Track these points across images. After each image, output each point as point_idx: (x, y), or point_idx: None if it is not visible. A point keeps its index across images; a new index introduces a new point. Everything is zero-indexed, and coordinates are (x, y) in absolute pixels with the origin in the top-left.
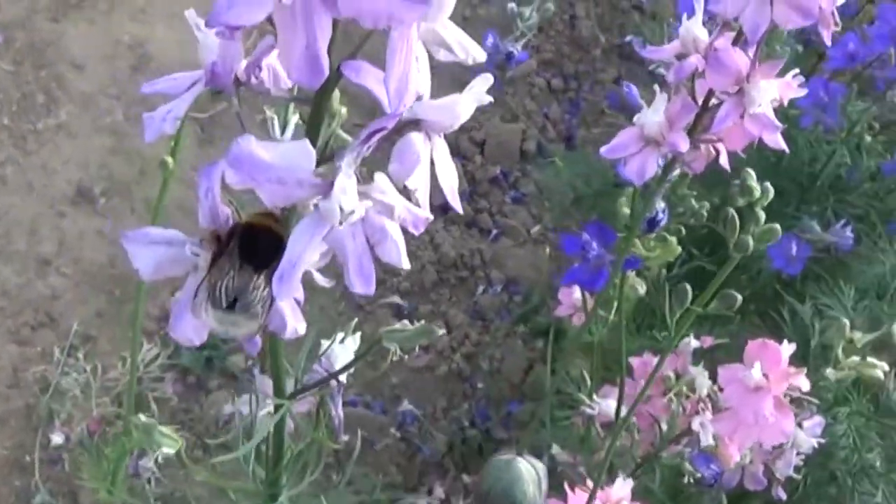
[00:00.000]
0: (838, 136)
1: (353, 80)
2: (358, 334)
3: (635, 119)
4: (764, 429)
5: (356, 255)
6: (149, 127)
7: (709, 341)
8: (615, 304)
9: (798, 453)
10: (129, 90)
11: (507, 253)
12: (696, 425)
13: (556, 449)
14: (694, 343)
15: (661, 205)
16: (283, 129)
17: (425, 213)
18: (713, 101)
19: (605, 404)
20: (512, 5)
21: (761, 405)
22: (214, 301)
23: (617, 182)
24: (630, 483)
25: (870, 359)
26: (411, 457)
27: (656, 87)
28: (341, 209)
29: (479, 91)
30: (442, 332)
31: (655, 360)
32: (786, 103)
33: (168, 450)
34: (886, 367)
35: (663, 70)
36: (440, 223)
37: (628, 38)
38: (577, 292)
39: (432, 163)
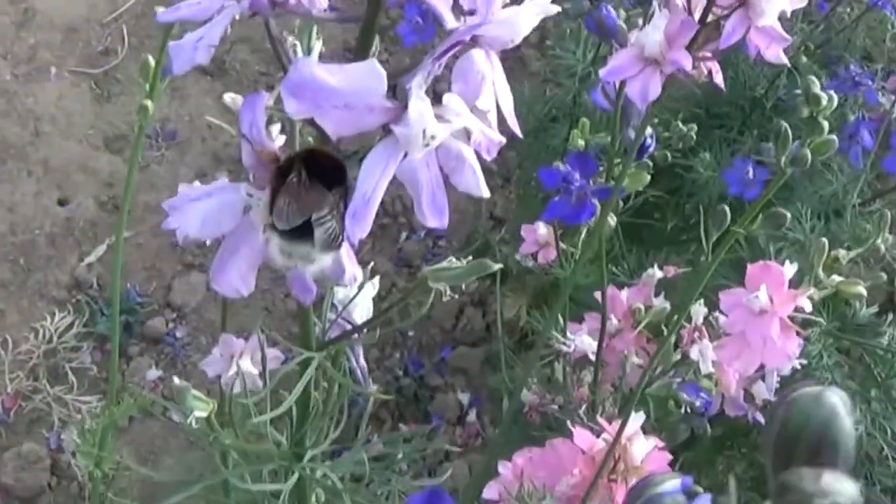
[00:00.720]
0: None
1: None
2: (377, 279)
3: (633, 39)
4: (770, 352)
5: (430, 186)
6: (177, 56)
7: (672, 271)
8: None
9: (778, 376)
10: (14, 48)
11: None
12: (694, 353)
13: (525, 392)
14: (658, 273)
15: (648, 130)
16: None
17: (498, 136)
18: (710, 16)
19: (580, 340)
20: None
21: (768, 328)
22: (282, 225)
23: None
24: (641, 417)
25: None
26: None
27: (655, 4)
28: (424, 134)
29: (543, 3)
30: (498, 266)
31: (623, 293)
32: (788, 14)
33: (201, 413)
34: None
35: None
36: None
37: None
38: (541, 228)
39: None
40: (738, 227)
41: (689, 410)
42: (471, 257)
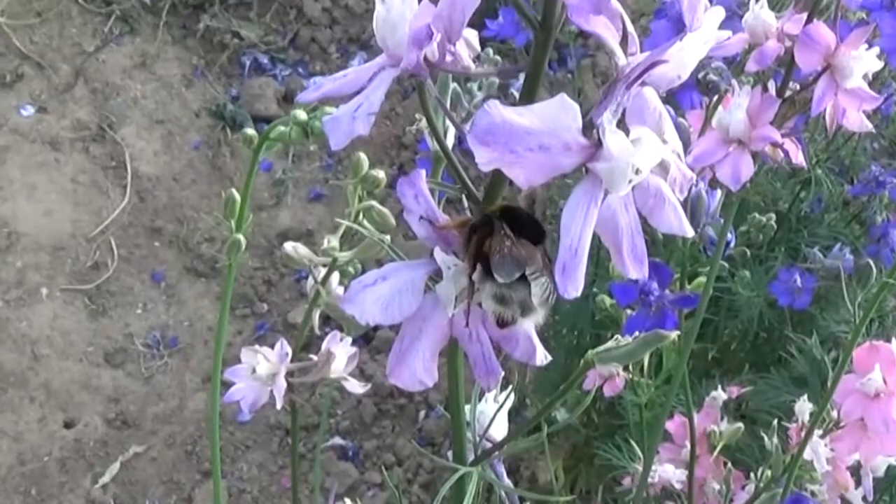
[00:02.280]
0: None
1: (583, 28)
2: (510, 388)
3: (714, 122)
4: (891, 437)
5: (629, 232)
6: (334, 131)
7: (736, 391)
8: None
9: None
10: (2, 274)
11: (441, 372)
12: (807, 454)
13: None
14: (721, 395)
15: (729, 225)
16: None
17: (690, 172)
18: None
19: (663, 470)
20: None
21: (889, 410)
22: (502, 277)
23: None
24: None
25: None
26: None
27: (734, 83)
28: (630, 167)
29: (710, 30)
30: (674, 334)
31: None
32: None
33: None
34: None
35: (714, 76)
36: (366, 353)
37: None
38: None
39: None
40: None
41: None
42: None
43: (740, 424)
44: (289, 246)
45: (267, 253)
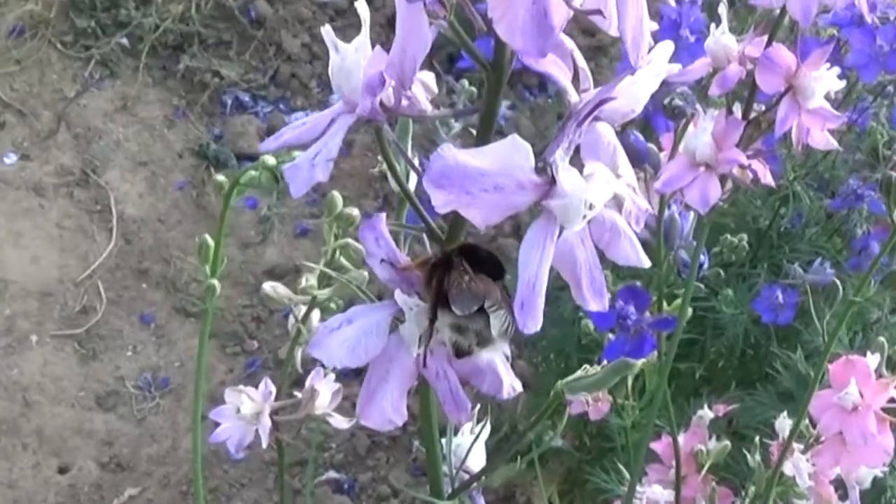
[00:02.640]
0: (778, 186)
1: (533, 67)
2: (487, 423)
3: (681, 146)
4: (871, 450)
5: (588, 266)
6: (294, 178)
7: (722, 409)
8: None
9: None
10: None
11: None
12: (788, 469)
13: None
14: (708, 414)
15: (702, 247)
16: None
17: (646, 204)
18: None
19: (651, 492)
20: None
21: (866, 424)
22: (460, 309)
23: None
24: None
25: None
26: None
27: (698, 107)
28: (583, 203)
29: (660, 63)
30: (640, 362)
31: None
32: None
33: None
34: None
35: (679, 101)
36: (357, 386)
37: None
38: None
39: None
40: (855, 295)
41: None
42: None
43: (727, 442)
44: (267, 286)
45: (255, 290)
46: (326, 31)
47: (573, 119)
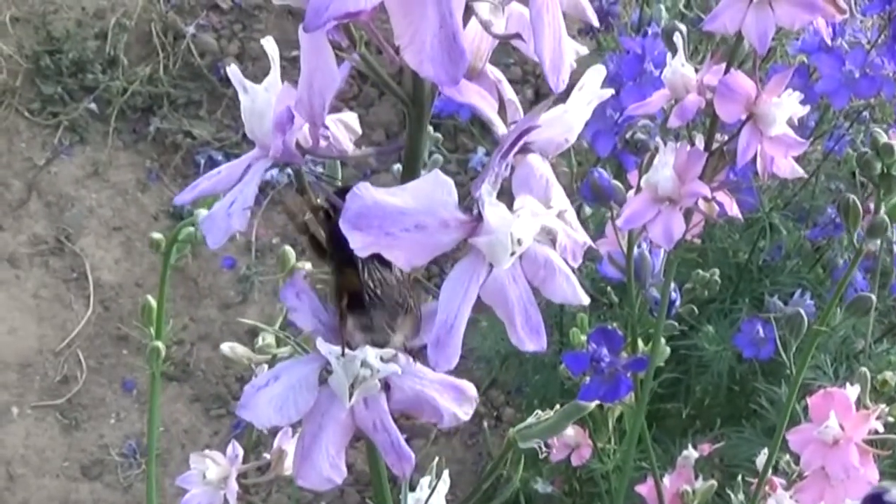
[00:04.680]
0: (754, 217)
1: (456, 98)
2: (445, 473)
3: (643, 181)
4: (854, 483)
5: (522, 304)
6: (210, 229)
7: (707, 448)
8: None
9: None
10: None
11: (424, 452)
12: None
13: None
14: (693, 454)
15: (671, 284)
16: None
17: (583, 237)
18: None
19: None
20: None
21: (847, 457)
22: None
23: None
24: None
25: None
26: None
27: (659, 140)
28: (510, 238)
29: (592, 88)
30: (592, 405)
31: (665, 480)
32: (796, 121)
33: None
34: None
35: (641, 135)
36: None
37: None
38: (568, 429)
39: None
40: (819, 325)
41: None
42: None
43: (713, 482)
44: (225, 347)
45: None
46: (233, 71)
47: (498, 151)
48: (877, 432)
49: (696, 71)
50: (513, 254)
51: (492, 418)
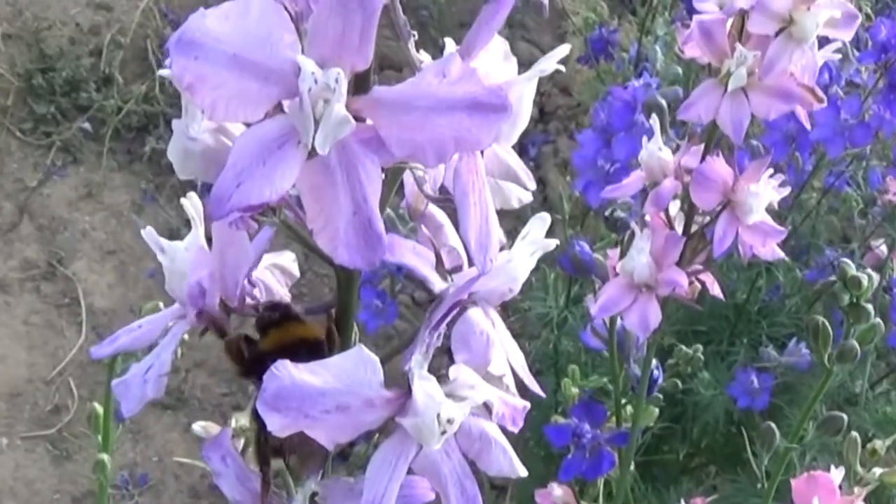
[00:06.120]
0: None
1: (388, 260)
2: None
3: (619, 268)
4: None
5: (455, 478)
6: (125, 396)
7: (699, 502)
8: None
9: None
10: None
11: None
12: None
13: None
14: None
15: (653, 362)
16: None
17: (522, 402)
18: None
19: None
20: None
21: None
22: None
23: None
24: None
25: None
26: None
27: (633, 226)
28: (438, 420)
29: (536, 238)
30: None
31: None
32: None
33: None
34: None
35: (621, 213)
36: (343, 470)
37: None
38: (556, 490)
39: None
40: (791, 442)
41: None
42: None
43: None
44: (197, 426)
45: (233, 377)
46: (148, 233)
47: (427, 325)
48: None
49: None
50: (443, 434)
51: None
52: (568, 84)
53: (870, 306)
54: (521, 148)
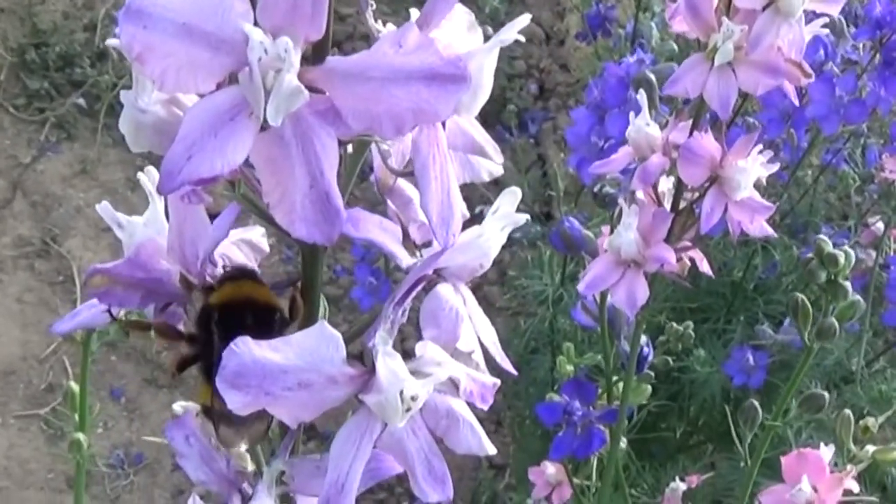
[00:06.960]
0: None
1: (353, 235)
2: None
3: (606, 244)
4: None
5: (422, 456)
6: None
7: (695, 480)
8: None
9: None
10: None
11: None
12: None
13: None
14: (680, 486)
15: (643, 339)
16: None
17: (491, 379)
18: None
19: None
20: None
21: None
22: None
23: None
24: None
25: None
26: None
27: (622, 202)
28: (401, 398)
29: (506, 212)
30: None
31: None
32: (764, 182)
33: None
34: None
35: (610, 188)
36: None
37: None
38: (549, 468)
39: None
40: (774, 419)
41: None
42: None
43: None
44: (177, 406)
45: None
46: (104, 208)
47: (392, 300)
48: (851, 493)
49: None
50: (408, 410)
51: (492, 423)
52: (567, 60)
53: (847, 284)
54: (521, 125)
